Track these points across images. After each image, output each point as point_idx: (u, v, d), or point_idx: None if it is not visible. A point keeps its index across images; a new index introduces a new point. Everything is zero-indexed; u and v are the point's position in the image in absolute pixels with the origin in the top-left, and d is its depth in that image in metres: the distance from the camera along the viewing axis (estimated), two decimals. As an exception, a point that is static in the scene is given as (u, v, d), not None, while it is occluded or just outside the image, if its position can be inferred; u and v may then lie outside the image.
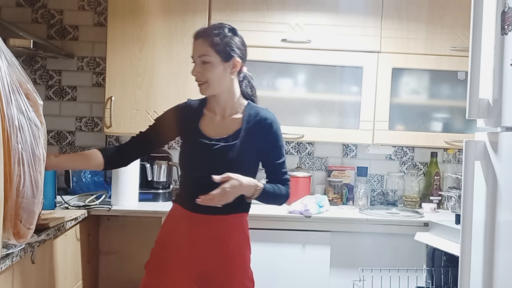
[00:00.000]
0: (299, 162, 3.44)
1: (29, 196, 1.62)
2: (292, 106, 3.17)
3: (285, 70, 3.17)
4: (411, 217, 2.99)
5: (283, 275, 2.88)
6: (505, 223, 1.63)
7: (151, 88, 3.04)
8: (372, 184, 3.46)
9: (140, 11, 3.02)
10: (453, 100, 3.21)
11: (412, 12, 3.08)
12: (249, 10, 3.05)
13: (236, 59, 2.12)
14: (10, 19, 3.22)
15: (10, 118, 1.54)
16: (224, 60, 2.11)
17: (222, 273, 2.12)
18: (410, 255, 2.85)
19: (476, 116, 1.72)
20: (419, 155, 3.48)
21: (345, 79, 3.18)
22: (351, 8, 3.08)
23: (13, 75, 1.58)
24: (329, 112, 3.19)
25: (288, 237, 2.89)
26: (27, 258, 1.93)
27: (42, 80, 3.36)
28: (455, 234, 2.42)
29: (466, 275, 1.71)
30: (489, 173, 1.70)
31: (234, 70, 2.14)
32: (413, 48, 3.08)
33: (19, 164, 1.57)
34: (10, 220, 1.60)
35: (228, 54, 2.10)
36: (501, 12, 1.67)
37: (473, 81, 1.68)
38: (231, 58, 2.11)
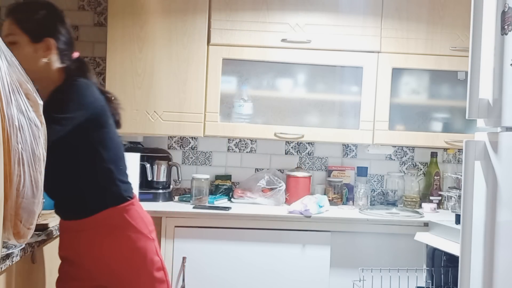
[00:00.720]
0: (299, 162, 3.44)
1: (29, 196, 1.62)
2: (292, 106, 3.17)
3: (285, 70, 3.17)
4: (411, 217, 2.99)
5: (283, 275, 2.88)
6: (505, 223, 1.63)
7: (151, 88, 3.04)
8: (372, 184, 3.46)
9: (140, 11, 3.02)
10: (453, 100, 3.21)
11: (412, 12, 3.08)
12: (249, 10, 3.05)
13: (49, 39, 1.88)
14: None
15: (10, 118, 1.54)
16: (34, 41, 1.86)
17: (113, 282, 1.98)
18: (410, 255, 2.85)
19: (476, 116, 1.72)
20: (419, 155, 3.48)
21: (345, 79, 3.18)
22: (351, 8, 3.07)
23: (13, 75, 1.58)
24: (329, 112, 3.19)
25: (288, 237, 2.89)
26: (27, 258, 1.93)
27: (42, 80, 3.35)
28: (455, 234, 2.42)
29: (466, 275, 1.71)
30: (489, 173, 1.70)
31: (48, 52, 1.89)
32: (413, 48, 3.08)
33: (19, 164, 1.57)
34: (10, 220, 1.60)
35: (38, 33, 1.86)
36: (501, 12, 1.67)
37: (473, 81, 1.69)
38: (42, 39, 1.87)
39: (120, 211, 1.97)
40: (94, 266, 1.98)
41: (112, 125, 2.02)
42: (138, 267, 1.99)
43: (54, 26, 1.92)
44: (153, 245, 2.03)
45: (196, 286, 2.87)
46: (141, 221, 2.01)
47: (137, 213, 2.01)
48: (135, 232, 1.98)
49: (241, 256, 2.87)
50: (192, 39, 3.03)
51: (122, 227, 1.97)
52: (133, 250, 1.98)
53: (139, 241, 1.99)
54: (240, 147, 3.43)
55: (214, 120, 3.06)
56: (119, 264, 1.98)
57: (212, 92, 3.06)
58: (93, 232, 1.96)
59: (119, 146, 2.06)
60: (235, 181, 3.40)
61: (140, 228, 1.99)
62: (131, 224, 1.97)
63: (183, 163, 3.40)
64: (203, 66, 3.04)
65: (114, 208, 1.96)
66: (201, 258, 2.85)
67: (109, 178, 1.98)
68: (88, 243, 1.97)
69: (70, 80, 1.92)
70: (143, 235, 2.00)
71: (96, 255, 1.97)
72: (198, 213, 2.91)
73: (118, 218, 1.96)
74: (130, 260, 1.98)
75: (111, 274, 1.99)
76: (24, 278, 1.93)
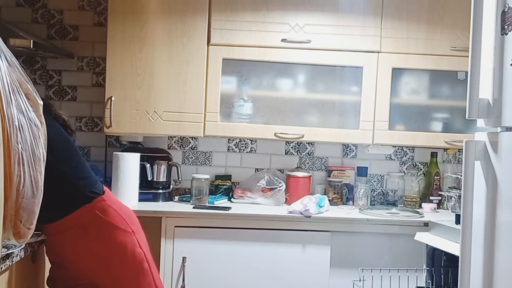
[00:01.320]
0: (299, 162, 3.44)
1: (29, 196, 1.62)
2: (292, 106, 3.17)
3: (285, 70, 3.17)
4: (411, 217, 2.99)
5: (283, 275, 2.88)
6: (505, 223, 1.63)
7: (151, 88, 3.04)
8: (372, 184, 3.46)
9: (140, 11, 3.02)
10: (453, 100, 3.21)
11: (412, 12, 3.08)
12: (249, 10, 3.05)
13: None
14: (10, 19, 3.22)
15: (10, 118, 1.54)
16: None
17: None
18: (410, 255, 2.85)
19: (476, 116, 1.72)
20: (419, 155, 3.48)
21: (345, 79, 3.18)
22: (351, 8, 3.07)
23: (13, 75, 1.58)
24: (329, 112, 3.19)
25: (288, 237, 2.89)
26: (27, 258, 1.93)
27: (42, 80, 3.36)
28: (455, 234, 2.42)
29: (466, 275, 1.71)
30: (489, 173, 1.70)
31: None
32: (413, 48, 3.08)
33: (19, 164, 1.57)
34: (10, 220, 1.60)
35: None
36: (501, 12, 1.67)
37: (473, 81, 1.68)
38: None
39: (90, 209, 1.94)
40: (76, 266, 1.98)
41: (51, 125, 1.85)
42: (120, 262, 1.97)
43: None
44: (133, 238, 2.00)
45: (196, 286, 2.87)
46: (116, 215, 1.98)
47: (110, 208, 1.98)
48: (111, 228, 1.96)
49: (241, 256, 2.87)
50: (192, 39, 3.03)
51: (97, 225, 1.94)
52: (112, 247, 1.96)
53: (117, 236, 1.96)
54: (240, 147, 3.43)
55: (214, 120, 3.06)
56: (100, 262, 1.97)
57: (212, 92, 3.06)
58: (69, 234, 1.94)
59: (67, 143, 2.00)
60: (235, 181, 3.40)
61: (116, 223, 1.97)
62: (105, 221, 1.95)
63: (183, 163, 3.40)
64: (203, 66, 3.04)
65: (83, 208, 1.93)
66: (201, 258, 2.85)
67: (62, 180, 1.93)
68: (66, 245, 1.96)
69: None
70: (120, 229, 1.97)
71: (75, 256, 1.97)
72: (198, 213, 2.91)
73: (91, 217, 1.94)
74: (110, 256, 1.97)
75: (95, 272, 1.98)
76: (24, 278, 1.93)
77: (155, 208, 2.90)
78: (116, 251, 1.97)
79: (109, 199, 2.01)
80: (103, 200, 1.98)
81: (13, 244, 1.78)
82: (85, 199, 1.95)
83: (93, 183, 2.01)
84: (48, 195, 1.80)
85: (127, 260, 1.98)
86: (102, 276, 1.99)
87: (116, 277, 1.99)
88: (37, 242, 2.00)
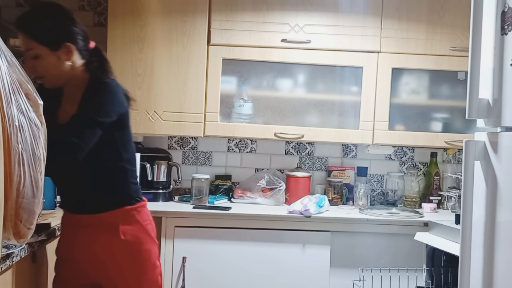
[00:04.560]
0: (299, 162, 3.44)
1: (29, 196, 1.62)
2: (292, 106, 3.17)
3: (285, 70, 3.17)
4: (411, 217, 2.99)
5: (283, 275, 2.88)
6: (505, 223, 1.63)
7: (151, 88, 3.04)
8: (372, 184, 3.46)
9: (140, 11, 3.02)
10: (453, 100, 3.21)
11: (412, 12, 3.08)
12: (249, 10, 3.05)
13: (67, 44, 1.91)
14: (10, 19, 3.21)
15: (10, 118, 1.54)
16: (54, 49, 1.90)
17: None
18: (410, 255, 2.85)
19: (476, 116, 1.72)
20: (419, 155, 3.48)
21: (345, 79, 3.18)
22: (351, 8, 3.07)
23: (13, 75, 1.58)
24: (329, 112, 3.19)
25: (288, 237, 2.89)
26: (27, 258, 1.93)
27: (42, 80, 3.35)
28: (455, 234, 2.42)
29: (466, 275, 1.71)
30: (489, 173, 1.70)
31: (69, 55, 1.93)
32: (413, 48, 3.08)
33: (19, 164, 1.57)
34: (10, 220, 1.60)
35: (55, 41, 1.89)
36: (501, 12, 1.68)
37: (473, 81, 1.69)
38: (60, 45, 1.90)
39: (131, 210, 2.00)
40: (92, 264, 1.99)
41: (130, 127, 2.06)
42: (141, 269, 2.01)
43: (67, 28, 1.93)
44: (157, 249, 2.07)
45: (196, 286, 2.87)
46: (150, 223, 2.05)
47: (147, 216, 2.06)
48: (144, 233, 2.01)
49: (241, 256, 2.87)
50: (192, 39, 3.03)
51: (131, 227, 1.99)
52: (140, 251, 2.00)
53: (147, 243, 2.02)
54: (240, 147, 3.43)
55: (214, 120, 3.06)
56: (122, 263, 1.98)
57: (212, 92, 3.06)
58: (101, 228, 1.97)
59: (134, 148, 2.10)
60: (235, 181, 3.40)
61: (149, 230, 2.03)
62: (141, 225, 2.00)
63: (183, 163, 3.40)
64: (203, 66, 3.04)
65: (125, 208, 1.99)
66: (201, 258, 2.85)
67: (123, 177, 2.01)
68: (94, 238, 1.98)
69: (99, 80, 1.96)
70: (150, 237, 2.04)
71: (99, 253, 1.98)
72: (198, 213, 2.91)
73: (128, 218, 1.99)
74: (135, 260, 2.00)
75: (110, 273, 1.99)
76: (24, 278, 1.93)
77: (155, 208, 2.90)
78: (142, 256, 2.01)
79: (147, 207, 2.08)
80: (143, 206, 2.05)
81: (13, 244, 1.78)
82: (130, 201, 2.01)
83: (140, 190, 2.09)
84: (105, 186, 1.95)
85: (148, 268, 2.02)
86: (116, 277, 2.00)
87: (132, 282, 2.01)
88: (37, 242, 2.00)
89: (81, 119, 1.86)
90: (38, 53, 1.89)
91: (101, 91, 1.92)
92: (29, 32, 1.88)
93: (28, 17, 1.92)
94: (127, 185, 2.01)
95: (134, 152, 2.08)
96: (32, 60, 1.90)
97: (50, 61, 1.91)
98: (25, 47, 1.90)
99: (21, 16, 1.93)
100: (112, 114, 1.92)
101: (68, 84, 1.98)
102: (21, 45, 1.91)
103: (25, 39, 1.90)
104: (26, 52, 1.90)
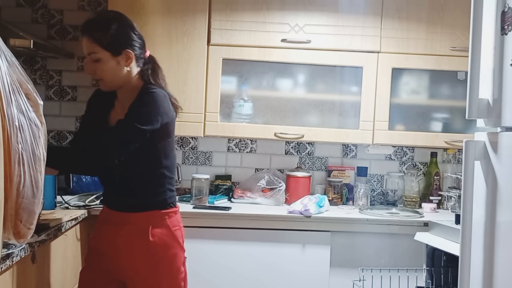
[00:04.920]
0: (299, 162, 3.44)
1: (29, 196, 1.62)
2: (292, 106, 3.17)
3: (285, 70, 3.17)
4: (411, 217, 2.99)
5: (283, 275, 2.88)
6: (505, 223, 1.63)
7: (151, 88, 3.03)
8: (372, 184, 3.46)
9: (140, 10, 3.02)
10: (453, 100, 3.21)
11: (412, 12, 3.08)
12: (249, 10, 3.05)
13: (127, 51, 2.05)
14: (10, 19, 3.22)
15: (10, 118, 1.54)
16: (115, 55, 2.04)
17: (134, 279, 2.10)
18: (410, 255, 2.85)
19: (476, 116, 1.72)
20: (419, 155, 3.48)
21: (345, 79, 3.18)
22: (351, 8, 3.07)
23: (13, 75, 1.58)
24: (329, 112, 3.19)
25: (288, 237, 2.89)
26: (27, 258, 1.93)
27: (42, 80, 3.36)
28: (455, 234, 2.42)
29: (466, 275, 1.71)
30: (489, 173, 1.70)
31: (129, 62, 2.07)
32: (413, 48, 3.08)
33: (19, 164, 1.57)
34: (10, 220, 1.60)
35: (117, 47, 2.03)
36: (501, 12, 1.68)
37: (473, 81, 1.69)
38: (121, 51, 2.04)
39: (163, 214, 2.10)
40: (120, 260, 2.08)
41: (174, 135, 2.17)
42: (165, 272, 2.09)
43: (129, 36, 2.07)
44: (183, 255, 2.15)
45: (196, 286, 2.86)
46: (179, 229, 2.14)
47: (177, 222, 2.15)
48: (171, 238, 2.10)
49: (241, 256, 2.87)
50: (192, 39, 3.03)
51: (160, 230, 2.08)
52: (165, 255, 2.08)
53: (173, 247, 2.10)
54: (240, 147, 3.43)
55: (214, 120, 3.06)
56: (148, 264, 2.06)
57: (212, 92, 3.06)
58: (132, 228, 2.07)
59: (175, 156, 2.21)
60: (235, 181, 3.40)
61: (177, 236, 2.12)
62: (170, 230, 2.10)
63: (183, 163, 3.40)
64: (203, 66, 3.04)
65: (158, 211, 2.09)
66: (201, 258, 2.85)
67: (161, 183, 2.11)
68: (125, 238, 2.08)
69: (148, 89, 2.07)
70: (178, 243, 2.13)
71: (127, 251, 2.07)
72: (198, 213, 2.91)
73: (160, 221, 2.09)
74: (159, 263, 2.08)
75: (136, 272, 2.07)
76: (24, 278, 1.93)
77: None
78: (166, 260, 2.09)
79: (179, 214, 2.19)
80: (175, 213, 2.16)
81: (13, 244, 1.78)
82: (164, 206, 2.12)
83: (176, 198, 2.20)
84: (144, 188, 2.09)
85: (172, 272, 2.11)
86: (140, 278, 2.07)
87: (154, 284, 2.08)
88: (37, 242, 2.00)
89: (124, 125, 1.99)
90: (100, 57, 2.02)
91: (147, 100, 2.03)
92: (94, 37, 2.01)
93: (94, 22, 2.06)
94: (163, 190, 2.11)
95: (174, 160, 2.20)
96: (93, 63, 2.04)
97: (110, 66, 2.04)
98: (88, 50, 2.03)
99: (87, 21, 2.07)
100: (155, 123, 2.02)
101: (123, 89, 2.11)
102: (84, 48, 2.04)
103: (89, 43, 2.03)
104: (88, 55, 2.04)
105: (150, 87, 2.08)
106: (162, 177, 2.11)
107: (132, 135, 1.98)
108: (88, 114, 2.25)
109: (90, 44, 2.02)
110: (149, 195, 2.08)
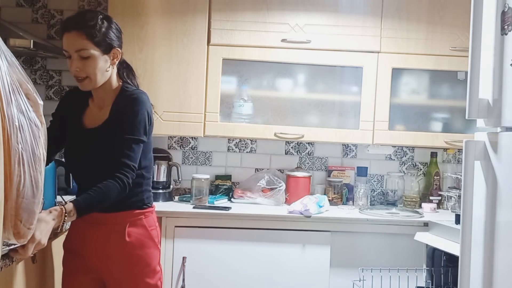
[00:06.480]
0: (299, 162, 3.44)
1: (29, 196, 1.62)
2: (292, 106, 3.17)
3: (285, 70, 3.17)
4: (411, 217, 2.99)
5: (283, 275, 2.88)
6: (505, 223, 1.63)
7: (151, 88, 3.02)
8: (372, 184, 3.46)
9: (140, 11, 3.02)
10: (453, 100, 3.21)
11: (412, 12, 3.08)
12: (249, 10, 3.05)
13: (116, 49, 2.03)
14: (10, 19, 3.22)
15: (10, 118, 1.54)
16: (105, 52, 2.00)
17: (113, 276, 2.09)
18: (410, 255, 2.85)
19: (476, 116, 1.72)
20: (419, 155, 3.48)
21: (345, 79, 3.18)
22: (351, 8, 3.07)
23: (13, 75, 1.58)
24: (329, 112, 3.19)
25: (288, 237, 2.89)
26: (27, 258, 1.93)
27: (42, 80, 3.36)
28: (455, 234, 2.42)
29: (466, 275, 1.71)
30: (489, 173, 1.70)
31: (115, 61, 2.05)
32: (413, 48, 3.08)
33: (19, 164, 1.57)
34: (10, 220, 1.60)
35: (108, 45, 2.00)
36: (501, 12, 1.68)
37: (473, 81, 1.69)
38: (111, 49, 2.02)
39: (139, 214, 2.09)
40: (97, 260, 2.06)
41: (152, 136, 2.15)
42: (141, 271, 2.08)
43: (116, 34, 2.04)
44: (158, 255, 2.14)
45: (196, 286, 2.87)
46: (155, 229, 2.14)
47: (153, 221, 2.15)
48: (147, 238, 2.09)
49: (241, 256, 2.87)
50: (192, 39, 3.03)
51: (137, 230, 2.07)
52: (141, 254, 2.07)
53: (149, 247, 2.10)
54: (240, 147, 3.43)
55: (214, 120, 3.06)
56: (124, 264, 2.06)
57: (212, 92, 3.06)
58: (109, 228, 2.05)
59: (152, 157, 2.19)
60: (235, 181, 3.40)
61: (153, 236, 2.11)
62: (146, 229, 2.09)
63: (183, 163, 3.40)
64: (203, 66, 3.04)
65: (134, 211, 2.08)
66: (201, 258, 2.85)
67: (138, 183, 2.08)
68: (101, 238, 2.06)
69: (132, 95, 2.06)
70: (154, 242, 2.12)
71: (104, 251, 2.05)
72: (198, 213, 2.91)
73: (136, 221, 2.08)
74: (136, 262, 2.07)
75: (112, 271, 2.07)
76: (24, 278, 1.93)
77: (155, 208, 2.89)
78: (142, 259, 2.08)
79: (154, 214, 2.18)
80: (151, 212, 2.14)
81: (13, 244, 1.78)
82: (140, 205, 2.11)
83: (152, 197, 2.19)
84: None
85: (149, 272, 2.10)
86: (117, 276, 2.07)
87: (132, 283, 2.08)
88: (37, 242, 1.99)
89: (131, 143, 1.99)
90: (90, 54, 1.96)
91: (137, 109, 2.02)
92: (86, 33, 1.95)
93: (86, 19, 1.99)
94: (141, 191, 2.10)
95: (152, 161, 2.17)
96: (80, 60, 1.96)
97: (99, 63, 1.99)
98: (78, 47, 1.96)
99: (77, 16, 2.01)
100: (147, 129, 2.06)
101: (100, 88, 2.05)
102: (71, 44, 1.97)
103: (80, 39, 1.95)
104: (76, 52, 1.96)
105: (133, 93, 2.06)
106: (139, 178, 2.07)
107: (138, 147, 2.02)
108: (61, 114, 2.18)
109: (81, 40, 1.95)
110: (127, 196, 2.02)
